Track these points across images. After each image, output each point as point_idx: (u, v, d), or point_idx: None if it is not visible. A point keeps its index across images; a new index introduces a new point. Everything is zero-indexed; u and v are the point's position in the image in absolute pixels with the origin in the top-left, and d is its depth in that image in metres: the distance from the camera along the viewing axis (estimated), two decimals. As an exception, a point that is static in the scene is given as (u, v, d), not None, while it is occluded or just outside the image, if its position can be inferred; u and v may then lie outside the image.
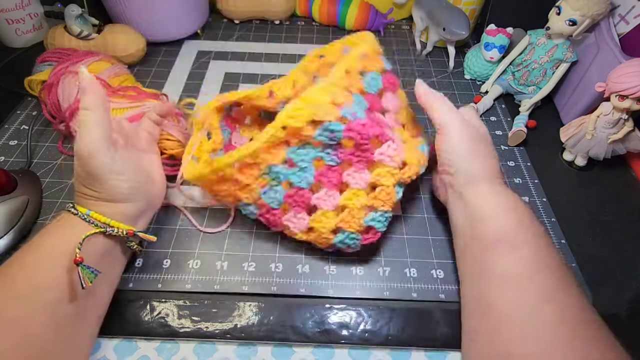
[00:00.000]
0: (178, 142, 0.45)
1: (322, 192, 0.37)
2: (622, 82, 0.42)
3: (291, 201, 0.37)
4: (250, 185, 0.37)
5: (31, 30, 0.66)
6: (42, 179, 0.47)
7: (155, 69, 0.63)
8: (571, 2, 0.49)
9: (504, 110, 0.59)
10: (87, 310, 0.33)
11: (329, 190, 0.37)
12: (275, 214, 0.38)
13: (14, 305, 0.29)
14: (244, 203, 0.39)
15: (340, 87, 0.36)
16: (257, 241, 0.43)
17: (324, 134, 0.35)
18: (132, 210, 0.36)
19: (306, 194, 0.37)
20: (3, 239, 0.40)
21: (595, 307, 0.39)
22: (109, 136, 0.34)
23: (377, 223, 0.38)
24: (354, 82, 0.37)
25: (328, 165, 0.37)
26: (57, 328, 0.30)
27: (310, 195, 0.37)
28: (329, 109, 0.35)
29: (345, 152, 0.37)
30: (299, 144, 0.36)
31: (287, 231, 0.40)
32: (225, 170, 0.36)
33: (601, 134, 0.46)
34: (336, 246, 0.39)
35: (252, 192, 0.37)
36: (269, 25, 0.74)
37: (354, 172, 0.37)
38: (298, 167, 0.36)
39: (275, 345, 0.37)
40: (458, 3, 0.63)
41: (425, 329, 0.37)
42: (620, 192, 0.49)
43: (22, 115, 0.55)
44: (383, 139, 0.36)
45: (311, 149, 0.36)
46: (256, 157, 0.35)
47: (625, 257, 0.43)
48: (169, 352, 0.37)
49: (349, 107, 0.35)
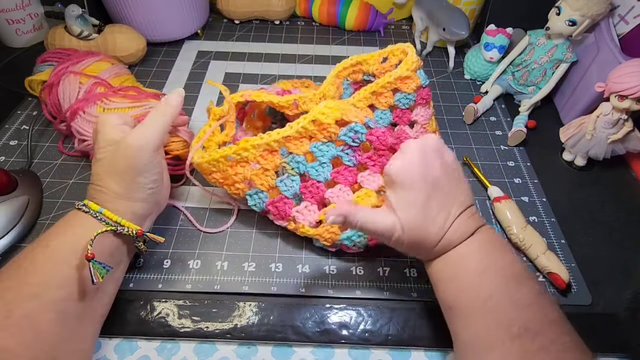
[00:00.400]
0: (184, 143, 0.45)
1: (337, 188, 0.40)
2: (622, 82, 0.42)
3: (306, 192, 0.39)
4: (268, 171, 0.39)
5: (31, 31, 0.66)
6: (43, 179, 0.47)
7: (155, 69, 0.64)
8: (571, 2, 0.49)
9: (503, 110, 0.59)
10: (92, 308, 0.33)
11: (343, 187, 0.39)
12: (287, 202, 0.40)
13: (25, 303, 0.29)
14: (255, 190, 0.40)
15: (360, 107, 0.41)
16: (257, 241, 0.43)
17: (348, 134, 0.39)
18: (143, 210, 0.36)
19: (321, 187, 0.39)
20: (4, 238, 0.40)
21: (595, 307, 0.39)
22: (161, 142, 0.37)
23: None
24: (382, 100, 0.42)
25: (345, 165, 0.40)
26: (64, 326, 0.30)
27: (325, 189, 0.39)
28: (357, 112, 0.39)
29: (363, 156, 0.40)
30: (323, 140, 0.39)
31: (291, 226, 0.40)
32: (250, 150, 0.38)
33: (601, 134, 0.46)
34: (341, 243, 0.39)
35: (268, 179, 0.39)
36: (269, 25, 0.74)
37: (368, 175, 0.40)
38: (318, 162, 0.39)
39: (275, 345, 0.37)
40: (458, 3, 0.63)
41: (425, 329, 0.38)
42: (620, 192, 0.49)
43: (23, 115, 0.55)
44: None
45: (332, 147, 0.39)
46: (282, 144, 0.39)
47: (625, 257, 0.43)
48: (169, 352, 0.37)
49: (371, 119, 0.40)
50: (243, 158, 0.39)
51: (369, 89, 0.42)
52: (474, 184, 0.49)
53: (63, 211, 0.44)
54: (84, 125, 0.45)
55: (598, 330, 0.38)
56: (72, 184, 0.47)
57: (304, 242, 0.43)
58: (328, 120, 0.38)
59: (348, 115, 0.39)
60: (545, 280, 0.41)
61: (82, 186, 0.47)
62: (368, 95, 0.42)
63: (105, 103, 0.45)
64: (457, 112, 0.58)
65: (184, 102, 0.39)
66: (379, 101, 0.42)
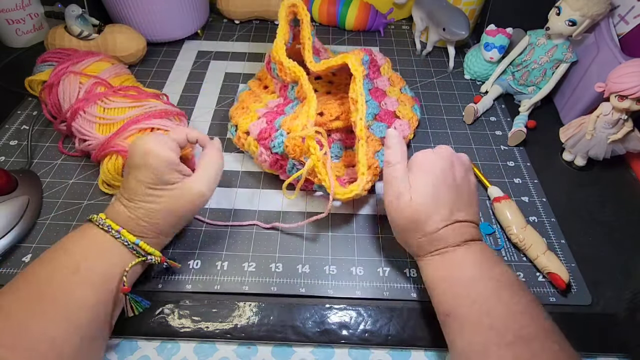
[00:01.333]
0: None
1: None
2: (622, 82, 0.42)
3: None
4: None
5: (31, 31, 0.66)
6: (43, 179, 0.47)
7: (155, 69, 0.64)
8: (571, 2, 0.49)
9: (503, 110, 0.59)
10: (106, 328, 0.33)
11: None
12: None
13: (55, 326, 0.29)
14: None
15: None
16: (257, 241, 0.43)
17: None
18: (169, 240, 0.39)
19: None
20: (4, 238, 0.40)
21: (595, 307, 0.39)
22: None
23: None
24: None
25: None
26: (82, 348, 0.31)
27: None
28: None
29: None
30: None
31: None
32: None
33: (601, 134, 0.46)
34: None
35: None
36: (269, 25, 0.74)
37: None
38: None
39: (275, 345, 0.37)
40: (458, 3, 0.63)
41: (425, 329, 0.38)
42: (620, 192, 0.49)
43: (23, 116, 0.55)
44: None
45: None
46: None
47: (625, 257, 0.43)
48: (169, 352, 0.37)
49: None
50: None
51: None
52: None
53: (63, 211, 0.45)
54: (84, 125, 0.45)
55: (598, 330, 0.38)
56: (72, 184, 0.47)
57: (304, 242, 0.43)
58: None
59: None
60: (545, 280, 0.41)
61: (82, 186, 0.47)
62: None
63: (105, 103, 0.45)
64: (457, 112, 0.58)
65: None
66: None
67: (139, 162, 0.35)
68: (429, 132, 0.55)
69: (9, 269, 0.40)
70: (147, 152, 0.34)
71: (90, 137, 0.45)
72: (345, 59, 0.44)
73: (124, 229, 0.34)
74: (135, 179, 0.35)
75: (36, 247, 0.42)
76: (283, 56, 0.47)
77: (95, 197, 0.46)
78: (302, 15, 0.48)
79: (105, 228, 0.34)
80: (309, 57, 0.47)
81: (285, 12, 0.48)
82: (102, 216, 0.35)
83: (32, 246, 0.42)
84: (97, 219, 0.34)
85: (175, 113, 0.48)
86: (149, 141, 0.35)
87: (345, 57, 0.44)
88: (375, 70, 0.54)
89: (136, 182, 0.35)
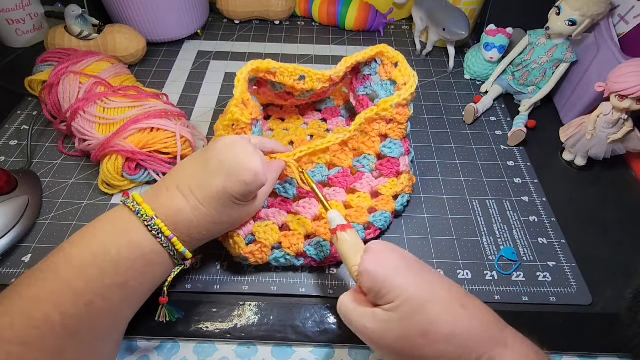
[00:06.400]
0: (188, 142, 0.46)
1: (331, 190, 0.44)
2: (622, 82, 0.42)
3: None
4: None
5: (31, 31, 0.66)
6: (43, 179, 0.47)
7: (155, 69, 0.64)
8: (571, 2, 0.49)
9: (503, 110, 0.59)
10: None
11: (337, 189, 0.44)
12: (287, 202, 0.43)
13: (99, 342, 0.31)
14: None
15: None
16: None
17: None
18: None
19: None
20: (4, 238, 0.40)
21: (595, 307, 0.39)
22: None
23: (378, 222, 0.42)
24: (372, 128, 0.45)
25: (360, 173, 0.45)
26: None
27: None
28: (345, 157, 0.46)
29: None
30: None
31: (293, 223, 0.40)
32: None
33: (601, 134, 0.46)
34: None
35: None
36: (269, 25, 0.74)
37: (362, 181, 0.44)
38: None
39: (275, 345, 0.37)
40: (458, 3, 0.63)
41: (425, 329, 0.37)
42: (620, 192, 0.49)
43: (23, 115, 0.55)
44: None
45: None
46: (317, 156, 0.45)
47: (625, 257, 0.43)
48: (169, 352, 0.37)
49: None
50: None
51: (364, 115, 0.43)
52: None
53: (63, 211, 0.45)
54: (84, 125, 0.45)
55: (598, 330, 0.38)
56: (72, 184, 0.47)
57: (304, 242, 0.43)
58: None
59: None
60: (545, 280, 0.41)
61: (82, 186, 0.47)
62: (361, 121, 0.43)
63: (105, 103, 0.45)
64: (457, 112, 0.58)
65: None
66: (371, 128, 0.44)
67: (236, 173, 0.32)
68: (429, 132, 0.55)
69: (9, 269, 0.40)
70: (252, 172, 0.32)
71: (90, 137, 0.45)
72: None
73: (176, 238, 0.32)
74: (223, 183, 0.32)
75: (36, 247, 0.42)
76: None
77: (95, 197, 0.46)
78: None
79: (172, 254, 0.33)
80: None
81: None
82: (151, 215, 0.31)
83: (32, 246, 0.42)
84: (151, 223, 0.31)
85: (175, 113, 0.48)
86: (255, 160, 0.32)
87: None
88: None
89: (223, 189, 0.32)
